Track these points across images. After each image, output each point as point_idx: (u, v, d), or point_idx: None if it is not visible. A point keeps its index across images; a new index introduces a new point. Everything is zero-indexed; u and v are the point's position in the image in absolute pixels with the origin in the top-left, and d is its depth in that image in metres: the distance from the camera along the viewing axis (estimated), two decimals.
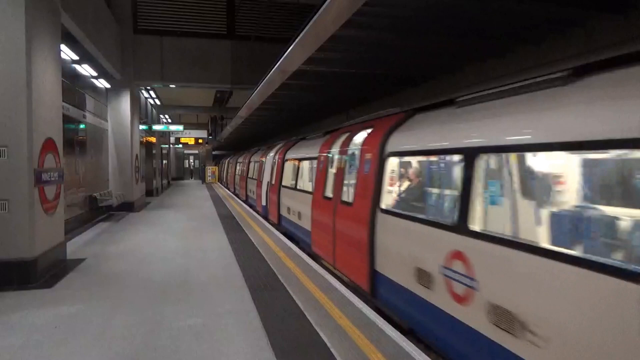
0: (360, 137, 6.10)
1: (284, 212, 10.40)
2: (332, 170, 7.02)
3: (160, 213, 14.15)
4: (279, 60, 7.94)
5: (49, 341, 3.96)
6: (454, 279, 3.51)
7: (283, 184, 10.65)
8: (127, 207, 14.00)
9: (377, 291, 5.05)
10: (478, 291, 3.22)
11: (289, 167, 10.62)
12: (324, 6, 5.11)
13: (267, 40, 14.64)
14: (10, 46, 5.65)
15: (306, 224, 8.09)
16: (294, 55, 7.15)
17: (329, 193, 6.96)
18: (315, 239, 7.49)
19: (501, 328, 2.96)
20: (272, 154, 12.81)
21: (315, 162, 8.19)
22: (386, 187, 5.10)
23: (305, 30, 6.02)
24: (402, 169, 5.39)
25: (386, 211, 4.91)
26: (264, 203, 13.24)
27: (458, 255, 3.48)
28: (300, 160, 9.54)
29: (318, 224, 7.32)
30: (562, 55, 5.38)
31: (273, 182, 11.74)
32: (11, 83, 5.66)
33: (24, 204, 5.72)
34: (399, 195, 5.29)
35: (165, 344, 3.87)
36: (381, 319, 4.39)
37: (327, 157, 7.32)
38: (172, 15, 14.58)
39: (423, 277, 3.99)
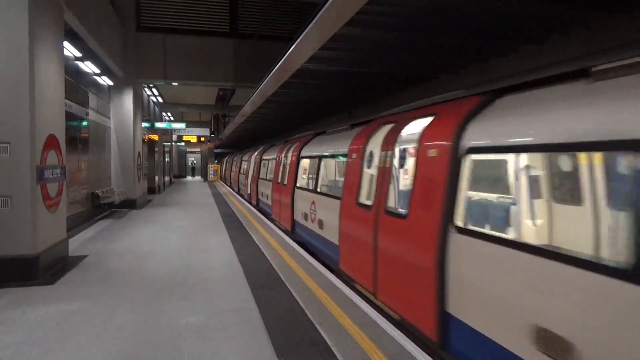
0: (414, 128, 4.78)
1: (298, 218, 9.11)
2: (370, 171, 5.67)
3: (162, 211, 14.17)
4: (281, 59, 7.93)
5: (51, 337, 3.97)
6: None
7: (298, 185, 9.40)
8: (129, 204, 14.02)
9: (450, 342, 3.59)
10: None
11: (306, 165, 9.45)
12: (327, 4, 5.10)
13: (269, 38, 14.63)
14: (13, 43, 5.66)
15: (331, 235, 6.71)
16: (296, 54, 7.14)
17: (365, 199, 5.61)
18: (346, 257, 6.03)
19: None
20: (284, 150, 11.48)
21: (342, 159, 6.90)
22: (463, 195, 3.57)
23: (308, 28, 6.01)
24: (490, 170, 4.10)
25: (467, 231, 3.41)
26: (267, 202, 12.60)
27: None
28: (320, 158, 8.15)
29: (349, 238, 5.90)
30: (565, 54, 5.36)
31: (285, 182, 10.44)
32: (14, 80, 5.67)
33: (26, 200, 5.73)
34: (488, 207, 3.95)
35: (167, 342, 3.88)
36: (383, 318, 4.38)
37: (362, 153, 5.84)
38: (175, 13, 14.58)
39: (550, 344, 2.57)
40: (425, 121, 4.44)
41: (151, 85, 18.03)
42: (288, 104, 12.55)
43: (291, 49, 7.13)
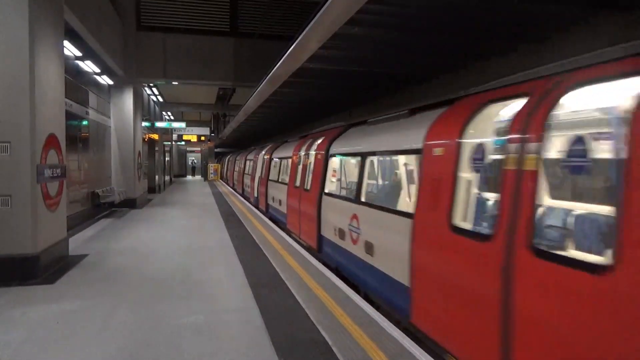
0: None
1: (328, 234, 7.00)
2: (481, 177, 3.84)
3: (162, 210, 14.18)
4: (281, 58, 7.93)
5: (51, 337, 3.98)
6: None
7: (327, 190, 7.43)
8: (130, 203, 14.03)
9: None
10: None
11: (338, 166, 7.68)
12: (327, 3, 5.10)
13: (270, 37, 14.63)
14: (14, 42, 5.66)
15: (390, 266, 4.73)
16: (296, 53, 7.14)
17: (474, 223, 3.76)
18: (433, 311, 3.95)
19: None
20: (303, 148, 9.59)
21: (411, 159, 5.38)
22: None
23: (308, 27, 6.01)
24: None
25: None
26: (279, 209, 10.72)
27: None
28: (364, 156, 6.08)
29: (438, 283, 3.83)
30: (565, 54, 5.35)
31: (308, 187, 8.44)
32: (14, 79, 5.67)
33: (26, 200, 5.73)
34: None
35: (167, 341, 3.88)
36: (382, 317, 4.38)
37: (458, 149, 3.80)
38: (175, 12, 14.57)
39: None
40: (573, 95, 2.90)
41: (151, 84, 18.03)
42: (288, 103, 12.54)
43: (291, 48, 7.13)
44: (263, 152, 15.15)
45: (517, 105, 3.34)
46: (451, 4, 4.68)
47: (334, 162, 7.65)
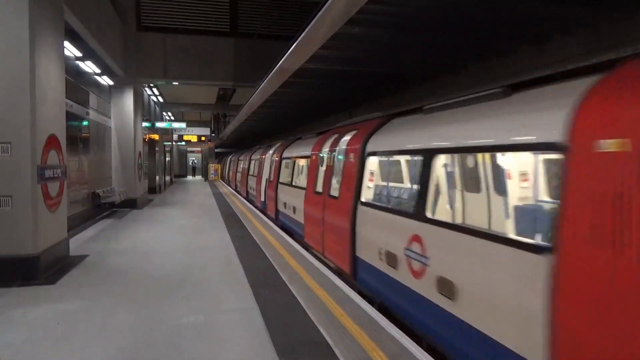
0: None
1: (369, 257, 5.38)
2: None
3: (163, 210, 14.18)
4: (281, 59, 7.94)
5: (52, 337, 3.98)
6: None
7: (365, 199, 5.80)
8: (130, 204, 14.03)
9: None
10: None
11: (378, 168, 6.48)
12: (327, 3, 5.10)
13: (270, 37, 14.63)
14: (14, 43, 5.66)
15: (507, 329, 3.01)
16: (296, 53, 7.14)
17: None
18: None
19: None
20: (325, 145, 7.81)
21: (518, 159, 4.14)
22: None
23: (308, 27, 6.01)
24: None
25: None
26: (293, 218, 9.24)
27: None
28: (431, 154, 4.28)
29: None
30: (567, 54, 5.35)
31: (336, 194, 6.64)
32: (15, 80, 5.68)
33: (27, 200, 5.73)
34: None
35: (167, 341, 3.88)
36: (383, 317, 4.38)
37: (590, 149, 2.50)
38: (175, 12, 14.59)
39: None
40: None
41: (152, 84, 18.04)
42: (288, 103, 12.55)
43: (291, 49, 7.14)
44: (271, 151, 13.35)
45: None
46: (451, 4, 4.68)
47: (374, 162, 6.18)
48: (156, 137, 20.91)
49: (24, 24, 5.69)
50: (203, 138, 35.03)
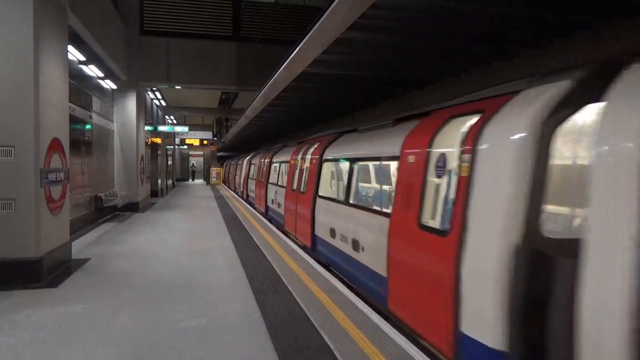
0: None
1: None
2: None
3: (165, 214, 14.20)
4: (283, 63, 7.96)
5: (54, 340, 3.99)
6: None
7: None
8: (132, 207, 14.06)
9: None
10: None
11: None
12: (329, 8, 5.13)
13: (272, 42, 14.68)
14: (18, 47, 5.70)
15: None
16: (298, 58, 7.17)
17: None
18: None
19: None
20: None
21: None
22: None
23: (310, 32, 6.04)
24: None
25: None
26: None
27: None
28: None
29: None
30: (568, 59, 5.36)
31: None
32: (18, 83, 5.71)
33: (30, 203, 5.76)
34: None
35: (169, 345, 3.89)
36: (384, 321, 4.38)
37: None
38: (178, 16, 14.65)
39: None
40: None
41: (154, 88, 18.11)
42: (290, 107, 12.59)
43: (294, 53, 7.16)
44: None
45: None
46: (453, 9, 4.70)
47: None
48: (158, 140, 20.96)
49: (28, 28, 5.73)
50: (205, 142, 35.06)
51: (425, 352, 3.76)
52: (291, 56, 7.36)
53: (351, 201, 6.54)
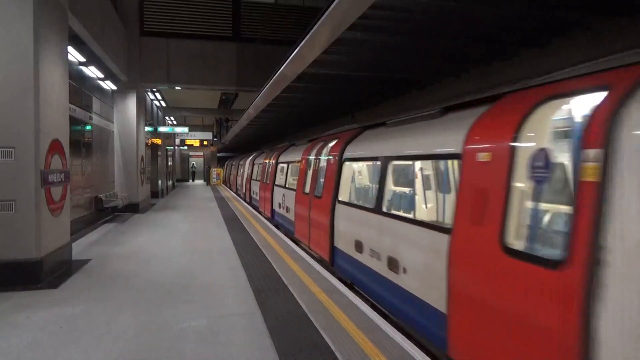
0: None
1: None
2: None
3: (165, 214, 14.20)
4: (283, 64, 7.97)
5: (54, 341, 3.98)
6: None
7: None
8: (132, 208, 14.06)
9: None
10: None
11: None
12: (330, 9, 5.13)
13: (272, 42, 14.69)
14: (18, 48, 5.70)
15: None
16: (299, 58, 7.17)
17: None
18: None
19: None
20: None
21: None
22: None
23: (311, 32, 6.04)
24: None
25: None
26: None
27: None
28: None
29: None
30: (568, 59, 5.36)
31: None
32: (18, 84, 5.71)
33: (30, 204, 5.75)
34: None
35: (170, 345, 3.88)
36: (385, 322, 4.37)
37: None
38: (178, 17, 14.68)
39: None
40: None
41: (154, 89, 18.12)
42: (290, 107, 12.59)
43: (294, 54, 7.16)
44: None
45: None
46: (454, 9, 4.70)
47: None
48: (159, 141, 20.96)
49: (28, 29, 5.73)
50: (205, 142, 35.06)
51: (426, 353, 3.76)
52: (291, 56, 7.36)
53: (385, 209, 5.30)
